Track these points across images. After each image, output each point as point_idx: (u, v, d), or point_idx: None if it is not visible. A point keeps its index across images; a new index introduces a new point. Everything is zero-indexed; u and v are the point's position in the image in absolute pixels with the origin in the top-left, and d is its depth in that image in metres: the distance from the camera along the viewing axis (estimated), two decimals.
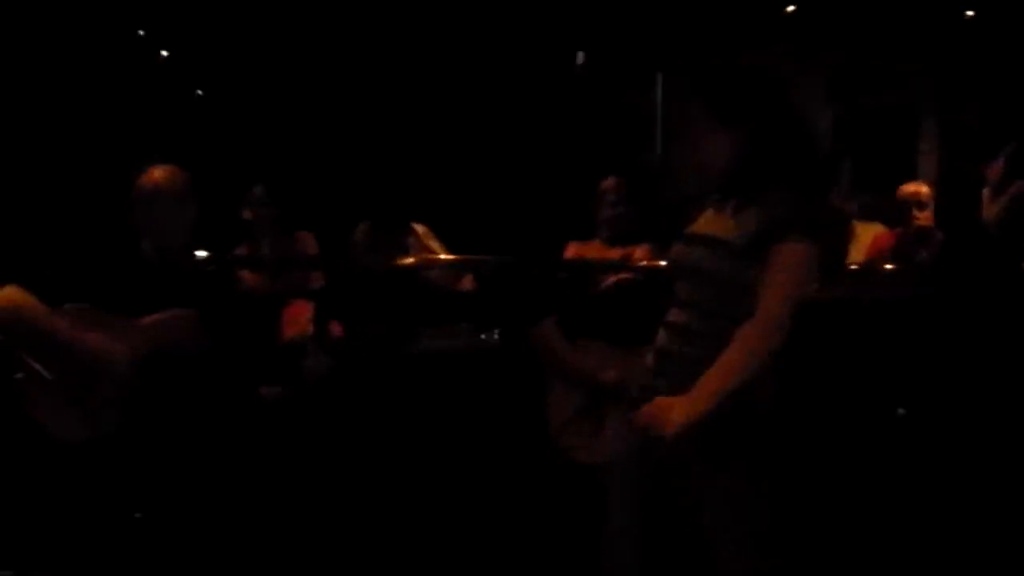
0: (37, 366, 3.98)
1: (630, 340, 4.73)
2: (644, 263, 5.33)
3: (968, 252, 6.03)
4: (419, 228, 6.19)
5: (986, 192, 7.04)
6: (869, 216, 6.80)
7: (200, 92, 8.85)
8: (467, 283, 6.02)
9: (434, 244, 6.16)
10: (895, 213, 6.42)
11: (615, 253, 5.55)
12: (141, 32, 8.28)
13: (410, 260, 6.04)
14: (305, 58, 8.36)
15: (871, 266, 6.04)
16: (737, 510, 3.15)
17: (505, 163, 7.59)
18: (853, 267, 6.26)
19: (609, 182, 5.77)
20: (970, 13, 9.00)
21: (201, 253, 4.69)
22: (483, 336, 5.51)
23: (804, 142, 3.28)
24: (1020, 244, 6.65)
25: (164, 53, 8.58)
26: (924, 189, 6.44)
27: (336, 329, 5.76)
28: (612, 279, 5.30)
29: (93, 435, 4.02)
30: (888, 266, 6.09)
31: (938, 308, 5.79)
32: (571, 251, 5.76)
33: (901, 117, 9.93)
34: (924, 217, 6.29)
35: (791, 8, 8.91)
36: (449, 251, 6.15)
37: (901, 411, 5.50)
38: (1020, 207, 6.79)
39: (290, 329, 5.69)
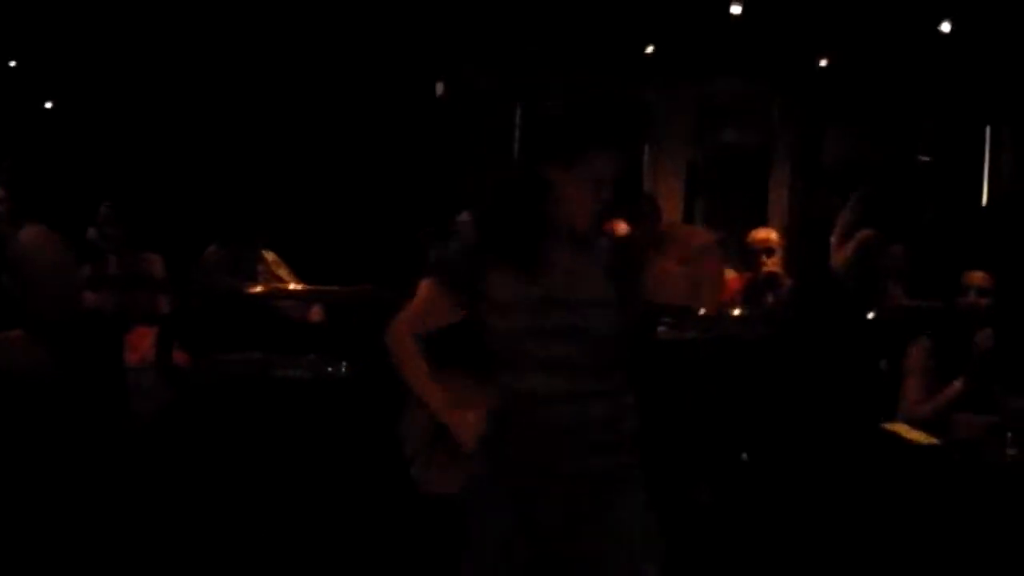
0: None
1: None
2: None
3: (816, 298, 6.16)
4: (268, 255, 6.09)
5: (834, 239, 7.22)
6: None
7: (49, 105, 8.62)
8: (316, 314, 5.93)
9: (283, 272, 6.07)
10: (744, 257, 6.51)
11: None
12: None
13: (259, 288, 5.93)
14: (161, 77, 8.19)
15: (721, 309, 6.10)
16: (633, 546, 3.14)
17: (360, 192, 7.52)
18: (703, 310, 6.34)
19: (464, 216, 5.75)
20: (824, 62, 9.19)
21: None
22: (330, 368, 5.44)
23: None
24: (865, 290, 6.82)
25: (11, 64, 8.34)
26: (773, 235, 6.54)
27: (180, 357, 5.63)
28: None
29: None
30: (737, 311, 6.16)
31: (785, 352, 5.89)
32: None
33: (756, 156, 10.09)
34: (772, 263, 6.39)
35: (650, 49, 8.99)
36: (299, 280, 6.05)
37: (745, 456, 5.58)
38: (866, 254, 6.97)
39: (132, 355, 5.55)
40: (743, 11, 8.34)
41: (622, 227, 6.61)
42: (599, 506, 3.13)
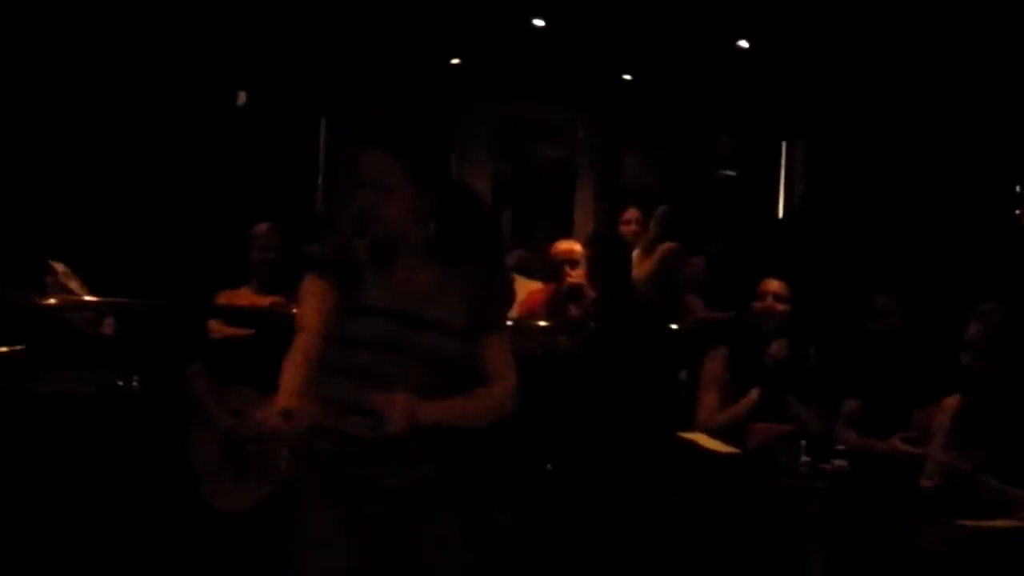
0: None
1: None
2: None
3: (619, 310, 6.20)
4: (58, 266, 5.84)
5: (636, 252, 7.30)
6: (523, 270, 6.88)
7: None
8: (108, 327, 5.73)
9: (74, 284, 5.83)
10: (549, 270, 6.51)
11: (265, 300, 5.42)
12: None
13: (50, 300, 5.70)
14: None
15: (524, 322, 6.09)
16: (453, 559, 3.17)
17: (156, 202, 7.30)
18: (507, 322, 6.32)
19: (261, 227, 5.63)
20: (627, 76, 9.31)
21: None
22: (120, 383, 5.25)
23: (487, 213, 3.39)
24: (666, 303, 6.91)
25: None
26: (577, 247, 6.56)
27: None
28: None
29: None
30: (541, 322, 6.16)
31: (588, 363, 5.91)
32: (222, 300, 5.59)
33: (561, 170, 10.18)
34: (576, 275, 6.40)
35: (456, 60, 8.99)
36: (90, 292, 5.83)
37: (549, 466, 5.56)
38: (667, 267, 7.07)
39: None
40: (546, 27, 8.41)
41: None
42: (417, 521, 3.13)
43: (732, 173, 10.82)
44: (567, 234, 8.32)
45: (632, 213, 7.82)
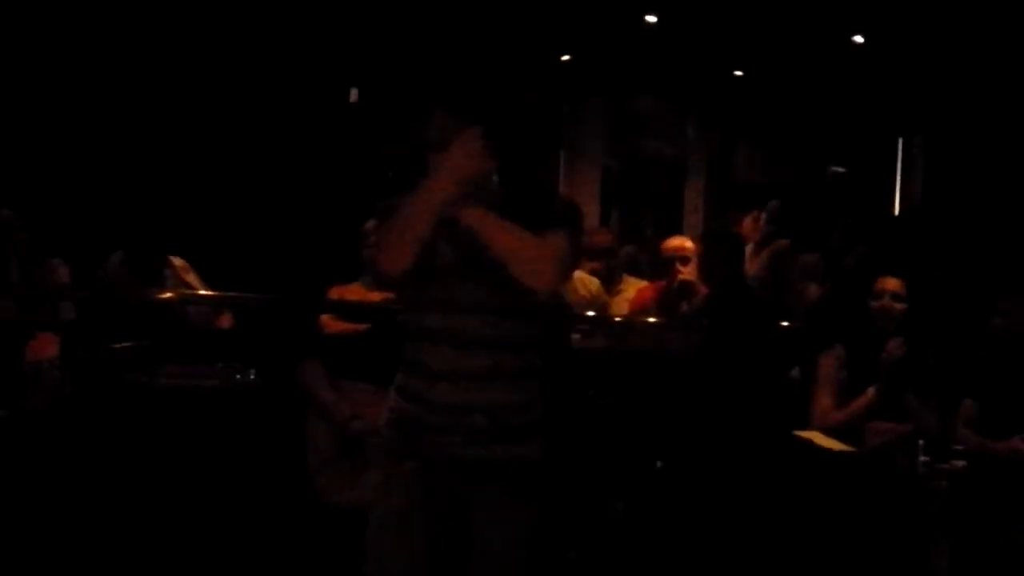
0: None
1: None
2: None
3: (731, 307, 6.14)
4: (177, 261, 5.95)
5: (748, 248, 7.21)
6: (632, 269, 6.86)
7: None
8: (225, 321, 5.82)
9: (192, 278, 5.93)
10: (659, 267, 6.48)
11: (376, 296, 5.45)
12: None
13: (168, 294, 5.80)
14: (62, 79, 8.01)
15: (634, 318, 6.07)
16: (510, 554, 3.16)
17: (272, 199, 7.40)
18: (617, 319, 6.30)
19: (371, 224, 5.67)
20: (739, 72, 9.24)
21: None
22: (238, 376, 5.33)
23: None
24: (778, 300, 6.83)
25: None
26: (688, 244, 6.51)
27: (84, 357, 5.52)
28: None
29: None
30: (651, 319, 6.13)
31: (699, 361, 5.87)
32: (334, 295, 5.64)
33: (670, 166, 10.13)
34: (687, 271, 6.36)
35: (567, 57, 8.98)
36: (208, 287, 5.92)
37: (659, 463, 5.53)
38: (780, 264, 6.98)
39: (34, 359, 5.43)
40: (658, 24, 8.37)
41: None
42: (479, 493, 3.14)
43: (842, 170, 10.68)
44: (675, 230, 8.28)
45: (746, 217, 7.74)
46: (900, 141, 9.96)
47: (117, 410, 5.22)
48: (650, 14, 8.45)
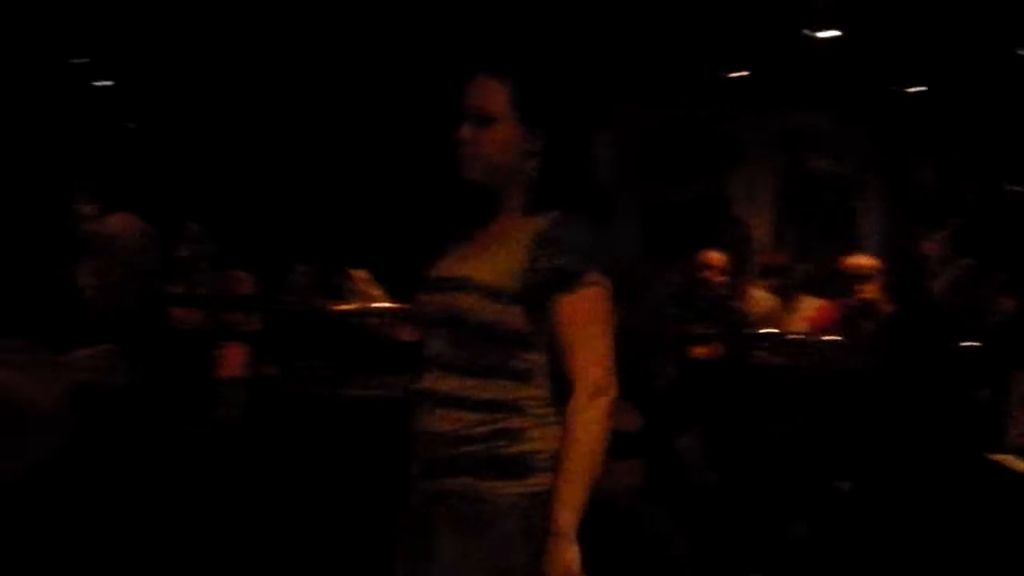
0: None
1: None
2: None
3: (915, 326, 6.03)
4: (359, 273, 6.05)
5: (931, 267, 7.08)
6: (808, 287, 6.78)
7: (132, 125, 8.65)
8: (407, 332, 5.89)
9: (375, 290, 6.03)
10: (837, 285, 6.41)
11: None
12: (76, 61, 8.07)
13: (350, 306, 5.90)
14: (248, 99, 8.21)
15: (815, 338, 6.02)
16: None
17: (452, 212, 7.47)
18: (794, 336, 6.25)
19: None
20: (916, 88, 9.08)
21: None
22: None
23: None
24: (963, 320, 6.68)
25: (107, 83, 8.39)
26: (867, 262, 6.45)
27: (271, 370, 5.63)
28: None
29: (20, 471, 3.87)
30: (831, 337, 6.07)
31: (884, 380, 5.77)
32: None
33: (842, 183, 9.99)
34: (868, 290, 6.28)
35: (742, 72, 8.92)
36: (391, 299, 6.01)
37: (845, 485, 5.46)
38: (965, 284, 6.83)
39: (224, 372, 5.54)
40: (832, 40, 8.27)
41: (714, 255, 6.58)
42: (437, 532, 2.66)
43: (1019, 188, 10.41)
44: (849, 249, 8.16)
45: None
46: None
47: (304, 422, 5.30)
48: (823, 29, 8.35)
